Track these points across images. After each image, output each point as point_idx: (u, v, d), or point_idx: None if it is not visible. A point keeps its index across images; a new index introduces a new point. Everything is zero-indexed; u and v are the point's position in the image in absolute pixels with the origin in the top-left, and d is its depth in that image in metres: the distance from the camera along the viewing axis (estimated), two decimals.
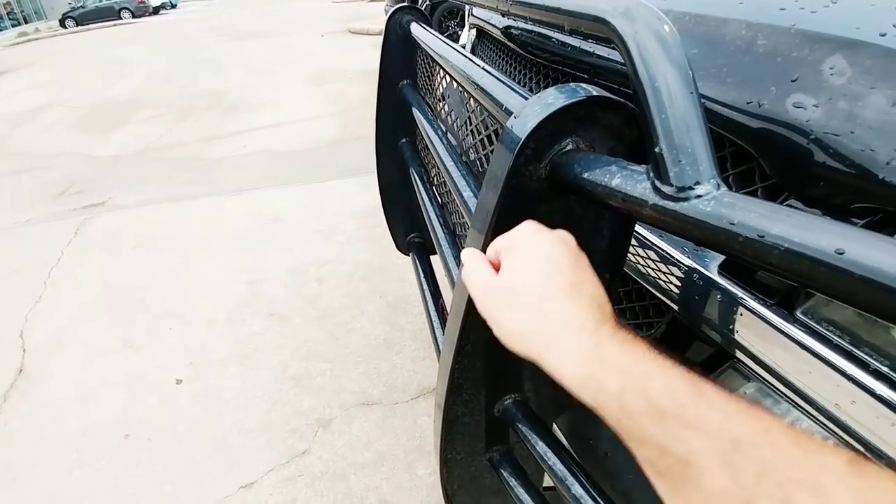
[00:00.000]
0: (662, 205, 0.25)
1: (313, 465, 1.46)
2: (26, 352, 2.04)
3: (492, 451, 0.59)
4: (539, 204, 0.36)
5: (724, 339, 0.43)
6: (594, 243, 0.39)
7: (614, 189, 0.28)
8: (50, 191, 3.62)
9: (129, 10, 21.24)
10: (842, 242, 0.20)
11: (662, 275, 0.48)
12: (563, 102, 0.30)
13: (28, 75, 9.24)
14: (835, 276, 0.20)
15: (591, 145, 0.32)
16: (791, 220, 0.21)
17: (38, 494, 1.47)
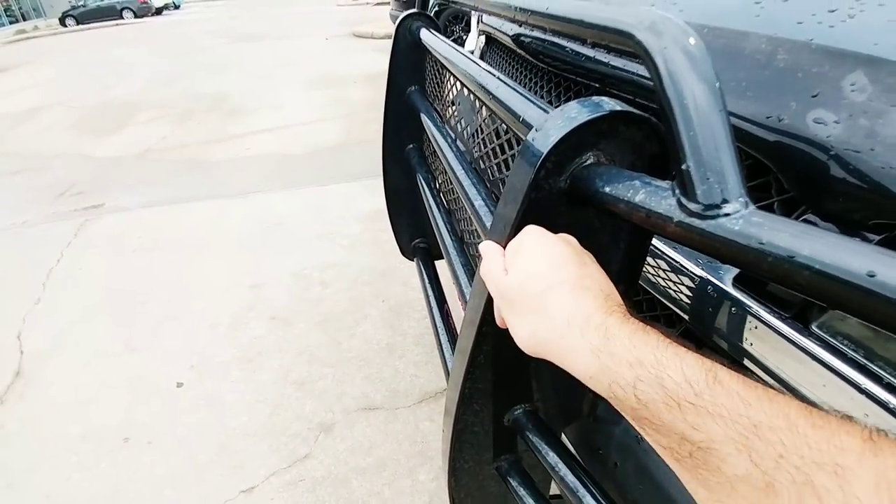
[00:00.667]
0: (689, 222, 0.25)
1: (315, 469, 1.45)
2: (24, 354, 2.03)
3: (500, 459, 0.59)
4: (558, 217, 0.36)
5: (737, 350, 0.43)
6: (611, 256, 0.39)
7: (638, 205, 0.29)
8: (49, 192, 3.62)
9: (132, 10, 21.28)
10: (873, 265, 0.20)
11: (675, 285, 0.48)
12: (587, 117, 0.31)
13: (26, 74, 9.23)
14: (866, 298, 0.20)
15: (611, 159, 0.33)
16: (822, 240, 0.21)
17: (36, 499, 1.46)
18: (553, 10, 0.37)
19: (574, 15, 0.34)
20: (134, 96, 6.44)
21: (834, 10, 0.39)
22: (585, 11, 0.33)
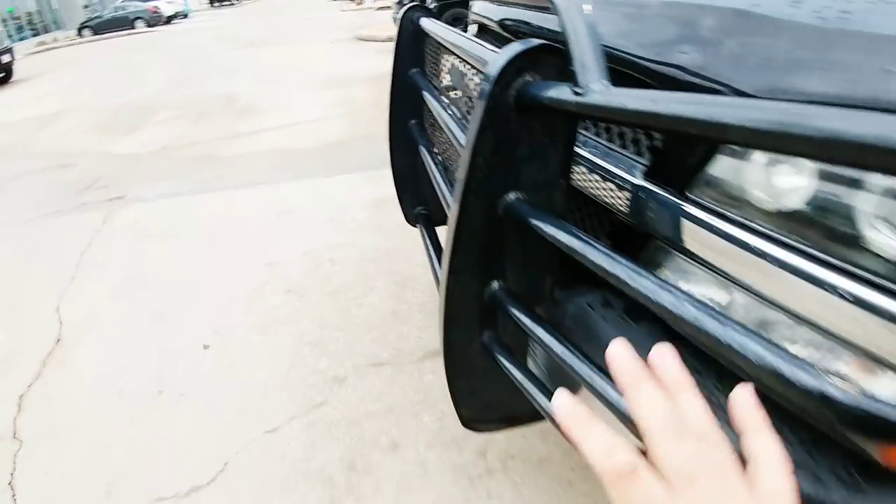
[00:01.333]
0: (576, 100, 0.43)
1: (330, 414, 1.63)
2: (63, 325, 2.23)
3: (484, 335, 0.77)
4: (510, 122, 0.54)
5: (645, 223, 0.61)
6: (550, 151, 0.57)
7: (552, 98, 0.46)
8: (76, 186, 3.84)
9: (144, 20, 21.84)
10: (650, 103, 0.38)
11: (606, 186, 0.66)
12: (521, 49, 0.49)
13: (49, 82, 9.57)
14: (654, 119, 0.38)
15: (541, 76, 0.50)
16: (637, 94, 0.39)
17: (78, 444, 1.63)
18: None
19: None
20: (149, 99, 6.69)
21: None
22: None
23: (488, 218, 0.62)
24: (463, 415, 0.89)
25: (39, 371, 1.97)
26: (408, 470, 1.44)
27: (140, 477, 1.49)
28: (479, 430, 0.92)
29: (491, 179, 0.59)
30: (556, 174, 0.59)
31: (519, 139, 0.55)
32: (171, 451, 1.56)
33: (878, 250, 0.41)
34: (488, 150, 0.55)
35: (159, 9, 22.80)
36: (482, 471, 1.42)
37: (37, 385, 1.90)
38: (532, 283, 0.71)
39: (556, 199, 0.61)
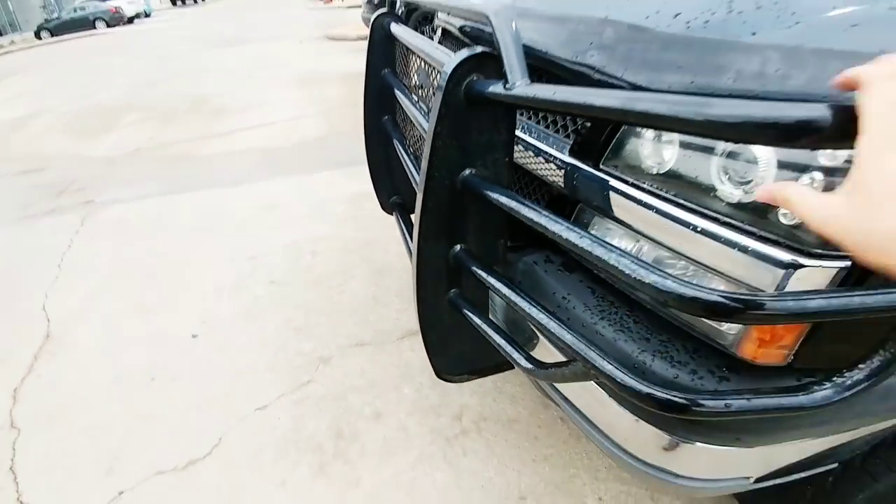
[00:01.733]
0: (505, 93, 0.58)
1: (316, 390, 1.75)
2: (50, 322, 2.27)
3: (450, 292, 0.91)
4: (460, 114, 0.69)
5: (576, 191, 0.76)
6: (495, 136, 0.72)
7: (491, 92, 0.61)
8: (50, 189, 3.81)
9: (104, 21, 21.16)
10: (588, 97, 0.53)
11: (543, 164, 0.81)
12: (468, 54, 0.63)
13: (10, 85, 9.23)
14: (552, 104, 0.53)
15: (485, 76, 0.65)
16: (555, 90, 0.54)
17: (76, 427, 1.71)
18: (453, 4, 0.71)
19: (462, 5, 0.67)
20: (117, 101, 6.58)
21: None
22: (464, 4, 0.67)
23: (449, 191, 0.77)
24: (436, 366, 1.03)
25: (31, 365, 2.02)
26: (390, 435, 1.57)
27: (139, 454, 1.58)
28: (451, 381, 1.06)
29: (449, 159, 0.73)
30: (502, 152, 0.74)
31: (470, 125, 0.70)
32: (166, 430, 1.65)
33: (723, 197, 0.58)
34: (446, 135, 0.70)
35: (120, 9, 22.12)
36: (458, 432, 1.57)
37: (30, 378, 1.95)
38: (488, 245, 0.86)
39: (503, 173, 0.76)
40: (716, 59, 0.54)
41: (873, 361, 0.49)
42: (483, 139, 0.72)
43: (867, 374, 0.50)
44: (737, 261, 0.57)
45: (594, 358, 0.58)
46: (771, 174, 0.51)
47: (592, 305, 0.75)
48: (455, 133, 0.70)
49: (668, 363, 0.64)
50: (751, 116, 0.33)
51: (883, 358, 0.49)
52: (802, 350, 0.57)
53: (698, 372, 0.63)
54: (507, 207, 0.67)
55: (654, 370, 0.64)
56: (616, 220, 0.72)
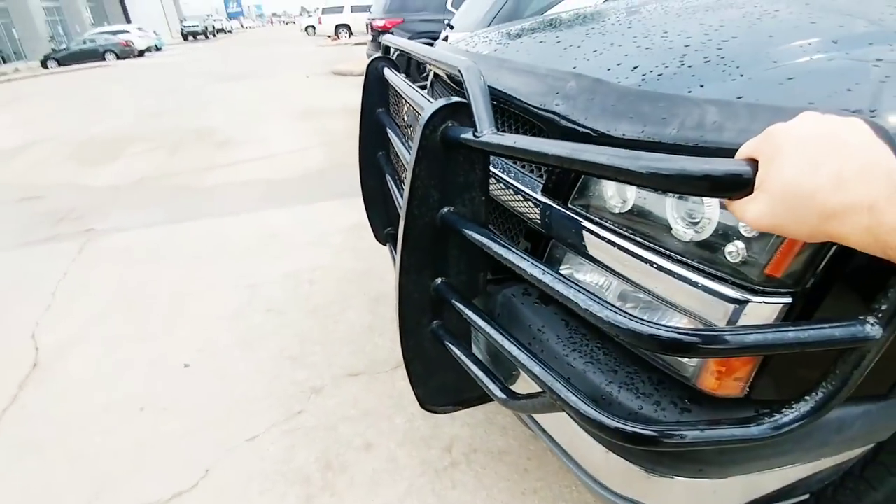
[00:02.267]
0: (475, 140, 0.63)
1: (308, 420, 1.75)
2: (39, 350, 2.27)
3: (433, 324, 0.94)
4: (437, 157, 0.74)
5: (548, 227, 0.81)
6: (470, 176, 0.77)
7: (463, 139, 0.66)
8: (49, 217, 3.88)
9: (114, 53, 21.77)
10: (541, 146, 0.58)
11: (520, 201, 0.86)
12: (444, 103, 0.69)
13: (12, 113, 9.46)
14: (513, 151, 0.58)
15: (458, 123, 0.70)
16: (515, 139, 0.59)
17: (59, 458, 1.68)
18: (433, 56, 0.77)
19: (440, 58, 0.73)
20: (123, 131, 6.77)
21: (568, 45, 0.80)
22: (442, 57, 0.73)
23: (429, 227, 0.81)
24: (419, 397, 1.05)
25: (16, 394, 2.01)
26: (380, 466, 1.57)
27: (124, 485, 1.57)
28: (435, 412, 1.08)
29: (428, 197, 0.78)
30: (478, 191, 0.79)
31: (447, 167, 0.75)
32: (154, 461, 1.65)
33: (677, 236, 0.62)
34: (424, 175, 0.75)
35: (131, 42, 22.79)
36: (447, 464, 1.56)
37: (13, 408, 1.94)
38: (468, 278, 0.90)
39: (480, 210, 0.80)
40: (662, 111, 0.59)
41: (817, 394, 0.52)
42: (459, 179, 0.77)
43: (812, 407, 0.52)
44: (692, 296, 0.60)
45: (559, 389, 0.60)
46: (716, 214, 0.56)
47: (565, 337, 0.78)
48: (432, 173, 0.75)
49: (634, 394, 0.66)
50: (660, 169, 0.38)
51: (826, 390, 0.52)
52: (758, 382, 0.60)
53: (661, 403, 0.66)
54: (480, 243, 0.71)
55: (619, 401, 0.66)
56: (584, 256, 0.75)
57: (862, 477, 0.79)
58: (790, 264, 0.51)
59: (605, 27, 1.00)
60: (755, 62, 0.63)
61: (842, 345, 0.47)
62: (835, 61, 0.65)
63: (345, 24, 23.11)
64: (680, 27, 0.85)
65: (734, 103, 0.54)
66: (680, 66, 0.67)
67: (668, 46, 0.75)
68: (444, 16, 7.39)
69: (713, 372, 0.61)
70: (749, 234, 0.53)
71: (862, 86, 0.56)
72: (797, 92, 0.55)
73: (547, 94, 0.75)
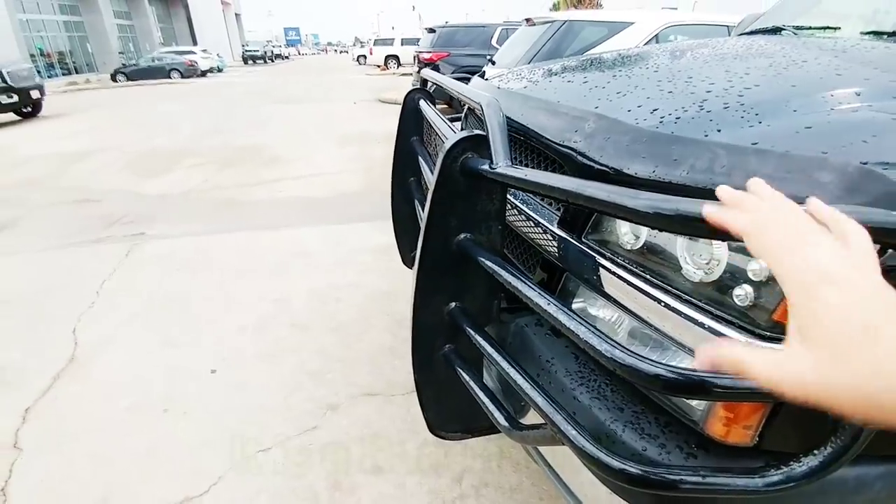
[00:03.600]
0: (493, 172, 0.66)
1: (321, 437, 1.77)
2: (78, 345, 2.40)
3: (446, 348, 0.96)
4: (458, 186, 0.77)
5: (564, 260, 0.82)
6: (489, 205, 0.80)
7: (480, 170, 0.69)
8: (103, 220, 4.15)
9: (179, 72, 23.37)
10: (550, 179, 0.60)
11: (538, 232, 0.87)
12: (464, 135, 0.72)
13: (80, 121, 10.19)
14: (525, 183, 0.60)
15: (478, 155, 0.74)
16: (527, 172, 0.62)
17: (79, 454, 1.73)
18: (461, 90, 0.81)
19: (465, 93, 0.77)
20: (179, 145, 7.23)
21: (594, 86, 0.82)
22: (468, 92, 0.77)
23: (446, 251, 0.84)
24: (429, 421, 1.06)
25: (49, 386, 2.11)
26: (388, 491, 1.55)
27: (136, 487, 1.61)
28: (444, 437, 1.08)
29: (446, 223, 0.81)
30: (495, 220, 0.81)
31: (465, 195, 0.78)
32: (168, 465, 1.69)
33: (687, 276, 0.62)
34: (443, 202, 0.78)
35: (195, 62, 24.48)
36: (456, 496, 1.53)
37: (45, 399, 2.04)
38: (482, 305, 0.91)
39: (496, 238, 0.82)
40: (675, 153, 0.60)
41: (827, 448, 0.50)
42: (477, 208, 0.80)
43: (822, 461, 0.50)
44: (700, 337, 0.59)
45: (560, 422, 0.60)
46: (724, 256, 0.56)
47: (574, 371, 0.78)
48: (451, 201, 0.78)
49: (639, 435, 0.65)
50: (659, 209, 0.39)
51: (836, 444, 0.50)
52: (767, 431, 0.58)
53: (667, 446, 0.64)
54: (492, 271, 0.73)
55: (623, 440, 0.65)
56: (597, 291, 0.76)
57: None
58: None
59: (632, 70, 1.03)
60: (774, 110, 0.64)
61: None
62: (857, 112, 0.65)
63: (394, 55, 24.18)
64: (706, 73, 0.87)
65: (746, 149, 0.54)
66: (699, 111, 0.68)
67: (690, 91, 0.76)
68: (488, 51, 7.66)
69: (721, 418, 0.59)
70: (757, 279, 0.52)
71: (880, 138, 0.55)
72: (813, 141, 0.55)
73: (567, 130, 0.77)
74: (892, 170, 0.48)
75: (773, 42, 1.12)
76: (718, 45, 1.17)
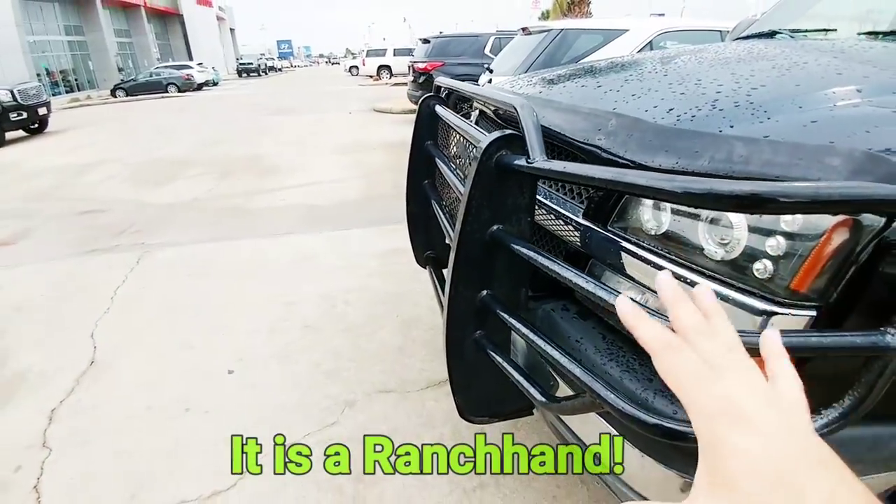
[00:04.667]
0: (529, 167, 0.73)
1: (340, 432, 1.82)
2: (97, 349, 2.45)
3: (476, 333, 1.02)
4: (492, 182, 0.84)
5: (588, 248, 0.88)
6: (520, 200, 0.86)
7: (516, 164, 0.76)
8: (112, 229, 4.19)
9: (176, 85, 23.62)
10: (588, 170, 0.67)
11: (562, 225, 0.94)
12: (500, 135, 0.79)
13: (83, 135, 10.31)
14: (563, 175, 0.67)
15: (511, 151, 0.80)
16: (565, 165, 0.69)
17: (106, 452, 1.77)
18: (489, 95, 0.88)
19: (496, 97, 0.84)
20: (181, 156, 7.28)
21: (608, 89, 0.90)
22: (497, 95, 0.84)
23: (479, 242, 0.90)
24: (459, 405, 1.11)
25: (72, 388, 2.16)
26: (409, 482, 1.60)
27: (164, 482, 1.65)
28: (473, 421, 1.13)
29: (481, 216, 0.87)
30: (525, 213, 0.88)
31: (499, 189, 0.85)
32: (194, 460, 1.73)
33: (709, 255, 0.68)
34: (478, 196, 0.84)
35: (192, 76, 24.72)
36: (476, 485, 1.59)
37: (69, 400, 2.08)
38: (512, 292, 0.98)
39: (525, 230, 0.89)
40: (696, 146, 0.68)
41: (844, 401, 0.57)
42: (509, 201, 0.86)
43: (841, 413, 0.57)
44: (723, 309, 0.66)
45: (599, 389, 0.67)
46: (744, 236, 0.63)
47: (602, 349, 0.84)
48: (486, 195, 0.85)
49: (669, 400, 0.72)
50: (692, 189, 0.46)
51: (852, 398, 0.56)
52: None
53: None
54: (528, 257, 0.79)
55: (655, 406, 0.71)
56: (622, 274, 0.83)
57: None
58: (814, 280, 0.57)
59: (642, 74, 1.11)
60: (781, 108, 0.71)
61: (863, 352, 0.53)
62: (858, 107, 0.72)
63: (386, 65, 24.41)
64: (713, 76, 0.95)
65: (760, 140, 0.62)
66: (712, 110, 0.76)
67: (701, 92, 0.84)
68: (482, 60, 7.80)
69: None
70: (774, 254, 0.59)
71: (881, 129, 0.63)
72: (819, 133, 0.63)
73: (590, 130, 0.85)
74: (893, 155, 0.55)
75: (772, 45, 1.21)
76: (720, 50, 1.26)
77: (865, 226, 0.54)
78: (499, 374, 1.04)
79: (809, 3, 1.86)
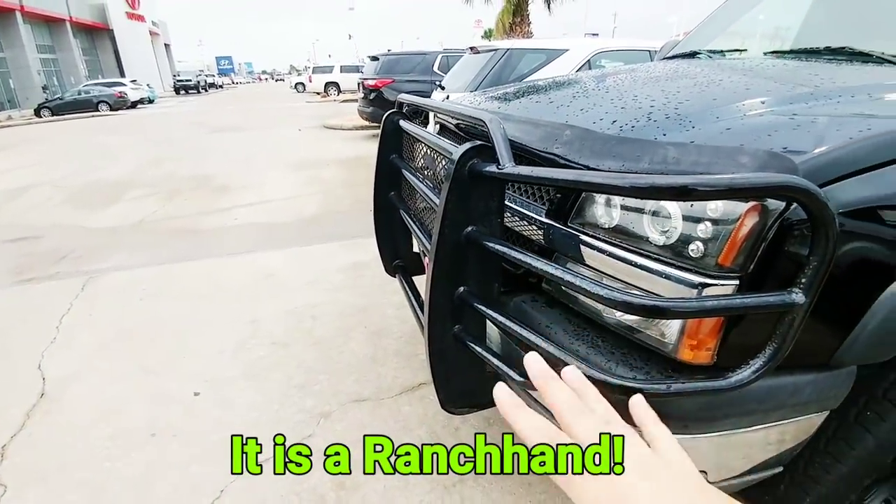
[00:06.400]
0: (500, 172, 0.83)
1: (318, 443, 1.83)
2: (46, 380, 2.30)
3: (455, 328, 1.10)
4: (465, 189, 0.94)
5: (552, 243, 1.00)
6: (490, 204, 0.97)
7: (488, 171, 0.86)
8: (49, 256, 3.93)
9: (108, 104, 22.28)
10: (552, 173, 0.79)
11: (527, 225, 1.05)
12: (471, 145, 0.89)
13: (7, 158, 9.48)
14: (529, 179, 0.78)
15: (482, 159, 0.91)
16: (532, 169, 0.80)
17: (69, 485, 1.70)
18: (456, 110, 0.99)
19: (464, 112, 0.95)
20: (121, 177, 6.91)
21: (560, 105, 1.03)
22: (466, 111, 0.95)
23: (455, 243, 1.00)
24: (441, 398, 1.19)
25: (23, 423, 2.02)
26: (391, 484, 1.65)
27: None
28: (454, 413, 1.21)
29: (456, 219, 0.97)
30: (495, 215, 0.98)
31: (472, 194, 0.95)
32: (165, 485, 1.69)
33: (653, 242, 0.81)
34: (454, 202, 0.94)
35: (125, 94, 23.44)
36: (456, 480, 1.65)
37: (20, 436, 1.95)
38: (485, 288, 1.07)
39: (496, 231, 0.99)
40: (637, 152, 0.81)
41: (765, 353, 0.70)
42: (481, 205, 0.96)
43: (763, 362, 0.70)
44: (666, 286, 0.79)
45: (571, 361, 0.77)
46: (680, 224, 0.76)
47: (570, 331, 0.95)
48: (461, 200, 0.94)
49: (629, 368, 0.83)
50: (637, 184, 0.58)
51: (771, 349, 0.70)
52: (722, 351, 0.78)
53: (651, 373, 0.83)
54: (501, 252, 0.90)
55: (618, 373, 0.83)
56: (582, 263, 0.95)
57: (826, 451, 0.96)
58: (735, 256, 0.70)
59: (586, 91, 1.25)
60: (702, 118, 0.86)
61: (775, 308, 0.66)
62: (763, 116, 0.88)
63: (334, 82, 24.29)
64: (646, 92, 1.10)
65: (687, 145, 0.75)
66: (648, 121, 0.90)
67: (637, 106, 0.99)
68: (431, 77, 8.02)
69: (687, 345, 0.79)
70: (704, 236, 0.73)
71: (780, 132, 0.78)
72: (732, 137, 0.77)
73: (548, 140, 0.97)
74: (789, 153, 0.70)
75: (694, 65, 1.41)
76: (650, 69, 1.44)
77: (771, 209, 0.68)
78: (476, 368, 1.14)
79: (723, 26, 2.13)
